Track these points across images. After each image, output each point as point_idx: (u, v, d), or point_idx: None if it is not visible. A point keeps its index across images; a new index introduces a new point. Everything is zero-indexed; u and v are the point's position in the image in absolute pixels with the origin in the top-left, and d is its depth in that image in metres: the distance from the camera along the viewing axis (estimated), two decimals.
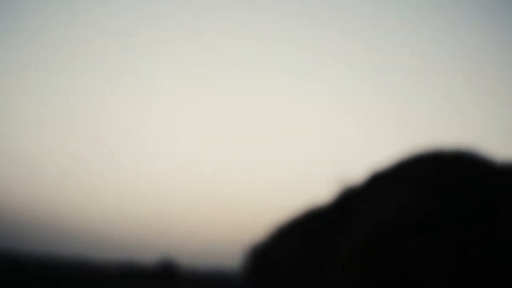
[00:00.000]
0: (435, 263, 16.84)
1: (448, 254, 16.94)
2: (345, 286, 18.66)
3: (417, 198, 18.24)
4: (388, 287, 17.70)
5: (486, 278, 16.52)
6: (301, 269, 21.14)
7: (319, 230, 21.40)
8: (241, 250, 24.19)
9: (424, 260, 16.98)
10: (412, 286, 17.01)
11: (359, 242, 18.87)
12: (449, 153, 20.31)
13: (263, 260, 23.23)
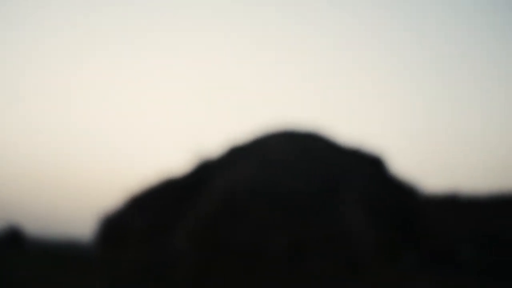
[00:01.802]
0: (274, 232, 17.70)
1: (288, 224, 17.86)
2: (190, 252, 19.19)
3: (265, 171, 19.12)
4: (230, 253, 18.39)
5: (322, 248, 17.55)
6: (154, 237, 21.48)
7: (174, 198, 21.83)
8: (94, 218, 24.16)
9: (264, 228, 17.81)
10: (252, 253, 17.76)
11: (205, 211, 19.49)
12: (300, 132, 21.45)
13: (116, 228, 23.34)
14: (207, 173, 21.11)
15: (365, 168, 20.44)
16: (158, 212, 21.95)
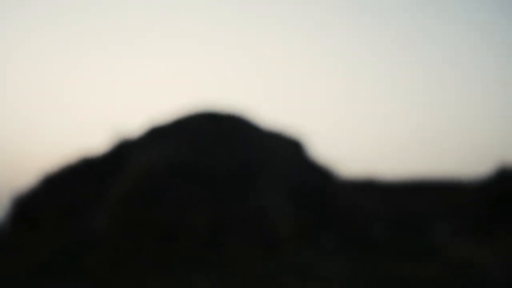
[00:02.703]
0: (193, 212, 17.63)
1: (208, 204, 17.82)
2: (109, 232, 18.87)
3: (185, 152, 19.00)
4: (149, 233, 18.18)
5: (241, 229, 17.59)
6: (70, 217, 21.00)
7: (92, 178, 21.39)
8: (6, 199, 23.42)
9: (183, 208, 17.70)
10: (172, 232, 17.63)
11: (124, 190, 19.20)
12: (222, 114, 21.40)
13: (30, 208, 22.69)
14: (126, 152, 20.80)
15: (285, 151, 20.62)
16: (75, 191, 21.46)
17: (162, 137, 20.25)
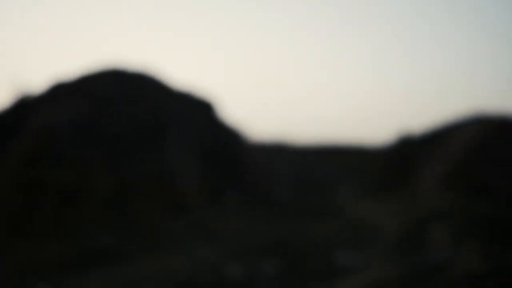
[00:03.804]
0: (98, 172, 17.31)
1: (113, 164, 17.56)
2: (10, 194, 18.30)
3: (90, 110, 18.57)
4: (52, 195, 17.72)
5: (148, 189, 17.44)
6: None
7: None
8: None
9: (88, 168, 17.35)
10: (76, 194, 17.26)
11: (25, 150, 18.60)
12: (130, 72, 21.04)
13: None
14: (28, 109, 20.16)
15: (195, 112, 20.51)
16: None
17: (66, 94, 19.69)
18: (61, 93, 19.88)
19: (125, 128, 18.41)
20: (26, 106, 20.41)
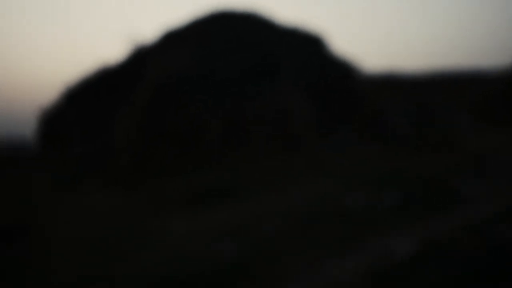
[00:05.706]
0: (210, 116, 17.72)
1: (224, 108, 17.88)
2: (129, 143, 19.09)
3: (201, 57, 18.90)
4: (167, 140, 18.35)
5: (260, 128, 17.70)
6: (91, 129, 21.28)
7: (109, 88, 21.49)
8: (32, 116, 23.71)
9: (200, 113, 17.79)
10: (190, 138, 17.79)
11: (141, 99, 19.27)
12: (237, 14, 21.13)
13: (54, 124, 23.00)
14: (142, 60, 20.78)
15: (304, 48, 20.41)
16: (94, 103, 21.63)
17: (177, 42, 20.14)
18: (173, 41, 20.33)
19: (236, 69, 18.64)
20: (141, 56, 21.05)
